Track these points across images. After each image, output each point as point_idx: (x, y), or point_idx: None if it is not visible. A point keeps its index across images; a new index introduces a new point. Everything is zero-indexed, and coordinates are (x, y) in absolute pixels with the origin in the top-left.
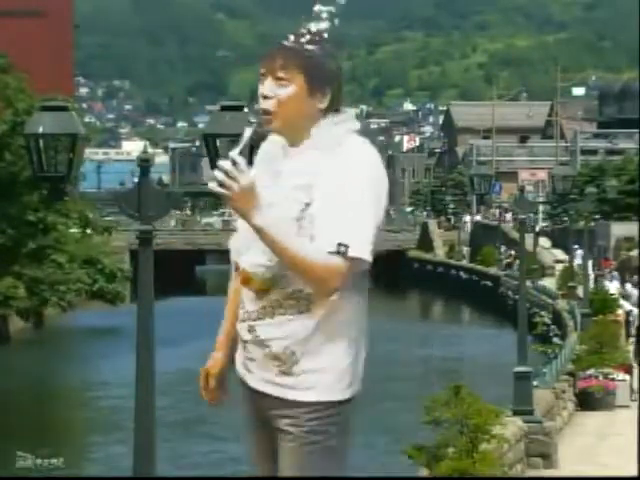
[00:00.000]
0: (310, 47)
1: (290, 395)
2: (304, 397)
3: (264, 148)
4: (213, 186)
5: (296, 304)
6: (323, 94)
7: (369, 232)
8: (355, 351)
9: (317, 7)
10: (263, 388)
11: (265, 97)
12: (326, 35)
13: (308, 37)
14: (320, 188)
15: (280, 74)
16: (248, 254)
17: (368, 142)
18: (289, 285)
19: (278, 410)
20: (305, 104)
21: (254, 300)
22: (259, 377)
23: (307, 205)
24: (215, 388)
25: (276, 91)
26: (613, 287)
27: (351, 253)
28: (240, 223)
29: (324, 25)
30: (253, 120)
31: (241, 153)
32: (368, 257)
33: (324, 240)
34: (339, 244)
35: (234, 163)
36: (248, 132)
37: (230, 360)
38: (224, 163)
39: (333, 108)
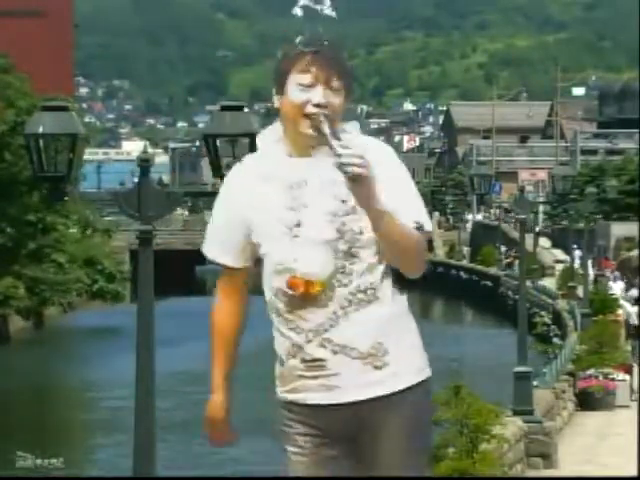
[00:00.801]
0: (345, 57)
1: (390, 388)
2: (403, 384)
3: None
4: (354, 169)
5: (365, 296)
6: (348, 102)
7: (424, 207)
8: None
9: (298, 10)
10: (360, 395)
11: (319, 106)
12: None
13: (334, 45)
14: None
15: (335, 83)
16: (300, 262)
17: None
18: (350, 281)
19: (378, 409)
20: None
21: (318, 313)
22: (352, 386)
23: (343, 202)
24: (226, 432)
25: (331, 99)
26: (617, 288)
27: (427, 228)
28: (272, 245)
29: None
30: (319, 114)
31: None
32: (431, 229)
33: (408, 219)
34: (416, 222)
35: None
36: (326, 126)
37: (230, 398)
38: (348, 150)
39: None
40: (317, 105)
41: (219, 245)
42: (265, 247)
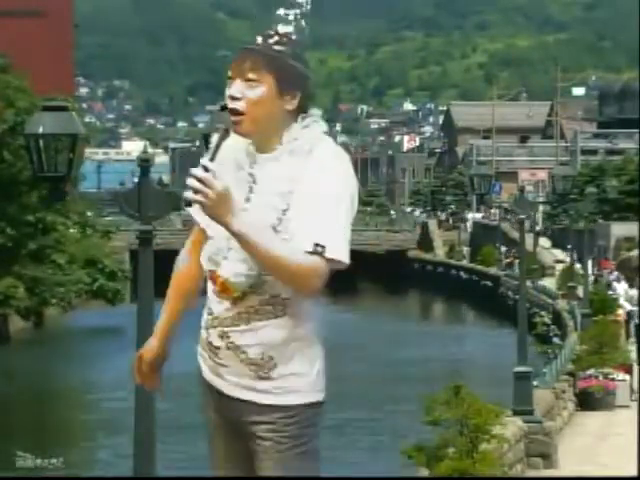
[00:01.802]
0: (278, 48)
1: (269, 400)
2: (283, 401)
3: (226, 155)
4: (188, 195)
5: (272, 309)
6: (292, 96)
7: (344, 233)
8: (323, 355)
9: (281, 10)
10: (239, 394)
11: (233, 98)
12: (294, 37)
13: (276, 38)
14: (296, 194)
15: (250, 75)
16: (227, 263)
17: (337, 144)
18: (266, 291)
19: (254, 416)
20: (274, 105)
21: (227, 307)
22: (234, 383)
23: (284, 212)
24: (148, 374)
25: (245, 92)
26: (621, 288)
27: (328, 254)
28: (214, 230)
29: (291, 27)
30: (220, 125)
31: (212, 159)
32: (344, 258)
33: (302, 241)
34: (316, 244)
35: (206, 170)
36: (216, 138)
37: (167, 349)
38: (196, 170)
39: (301, 110)
40: (232, 98)
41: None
42: (210, 230)
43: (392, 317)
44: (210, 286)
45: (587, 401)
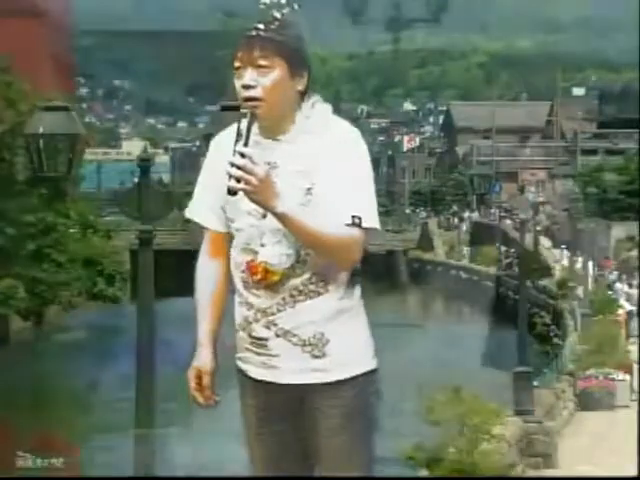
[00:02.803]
0: (283, 32)
1: (328, 377)
2: (342, 375)
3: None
4: (232, 184)
5: (315, 287)
6: (301, 76)
7: (374, 202)
8: (368, 321)
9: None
10: (298, 380)
11: (248, 87)
12: (292, 20)
13: (278, 23)
14: (320, 170)
15: (261, 62)
16: (264, 249)
17: (344, 120)
18: (306, 271)
19: (318, 397)
20: (287, 88)
21: (269, 295)
22: (290, 370)
23: (308, 190)
24: (209, 387)
25: (259, 79)
26: (622, 287)
27: (365, 224)
28: (240, 222)
29: (286, 10)
30: (245, 110)
31: (246, 144)
32: (378, 225)
33: (340, 215)
34: (353, 216)
35: (243, 156)
36: (244, 123)
37: (216, 357)
38: (235, 159)
39: (307, 89)
40: (246, 87)
41: (205, 208)
42: (237, 223)
43: (392, 317)
44: (242, 281)
45: (587, 401)
